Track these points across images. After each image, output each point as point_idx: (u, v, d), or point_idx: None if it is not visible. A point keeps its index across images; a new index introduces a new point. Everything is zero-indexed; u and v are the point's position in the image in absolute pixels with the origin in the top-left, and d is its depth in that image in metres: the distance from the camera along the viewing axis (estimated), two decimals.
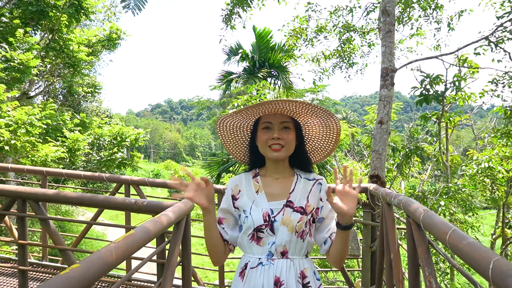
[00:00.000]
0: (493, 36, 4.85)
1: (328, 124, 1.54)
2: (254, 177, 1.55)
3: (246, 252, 1.48)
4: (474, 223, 6.09)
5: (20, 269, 2.82)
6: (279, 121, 1.46)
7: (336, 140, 1.58)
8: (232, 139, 1.66)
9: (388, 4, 4.56)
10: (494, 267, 1.18)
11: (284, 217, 1.41)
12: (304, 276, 1.41)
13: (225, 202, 1.55)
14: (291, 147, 1.47)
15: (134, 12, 2.23)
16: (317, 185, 1.51)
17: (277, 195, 1.48)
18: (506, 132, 5.07)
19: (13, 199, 2.91)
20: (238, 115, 1.52)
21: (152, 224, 1.99)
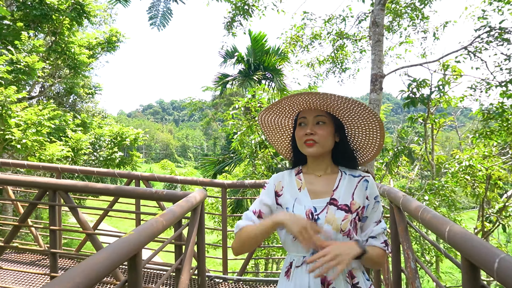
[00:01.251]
0: (472, 46, 5.34)
1: (368, 119, 1.45)
2: (297, 175, 1.51)
3: (290, 251, 1.43)
4: (456, 218, 6.57)
5: (52, 251, 3.17)
6: (313, 115, 1.42)
7: (382, 137, 1.49)
8: (276, 137, 1.65)
9: (378, 16, 5.02)
10: (449, 231, 1.63)
11: (328, 216, 1.35)
12: (352, 276, 1.36)
13: (268, 198, 1.48)
14: (326, 142, 1.41)
15: (159, 29, 2.55)
16: (363, 182, 1.43)
17: (320, 192, 1.42)
18: (484, 133, 5.55)
19: (44, 190, 3.26)
20: (273, 109, 1.52)
21: (178, 208, 2.40)
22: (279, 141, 1.66)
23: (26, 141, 6.17)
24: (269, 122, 1.60)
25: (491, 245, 1.39)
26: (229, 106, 25.17)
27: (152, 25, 2.56)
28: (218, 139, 47.98)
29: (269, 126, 1.62)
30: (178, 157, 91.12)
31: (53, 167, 5.05)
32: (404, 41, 8.10)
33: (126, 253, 1.56)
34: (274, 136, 1.66)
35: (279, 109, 1.52)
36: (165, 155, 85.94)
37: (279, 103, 1.48)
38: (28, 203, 3.31)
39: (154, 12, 2.40)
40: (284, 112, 1.53)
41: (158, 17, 2.44)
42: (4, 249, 3.31)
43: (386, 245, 1.41)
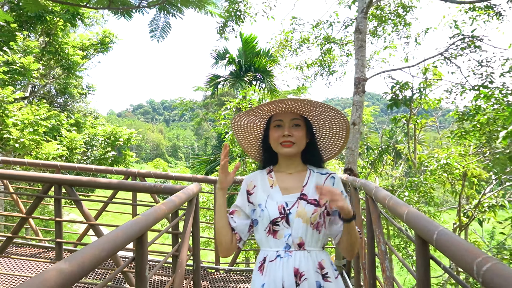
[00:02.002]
0: (447, 52, 5.73)
1: (337, 122, 1.60)
2: (268, 173, 1.60)
3: (263, 246, 1.51)
4: (435, 213, 6.97)
5: (58, 241, 3.43)
6: (290, 118, 1.53)
7: (346, 137, 1.63)
8: (247, 137, 1.73)
9: (360, 23, 5.37)
10: (407, 213, 1.95)
11: (299, 209, 1.44)
12: (322, 267, 1.44)
13: (240, 199, 1.59)
14: (301, 143, 1.53)
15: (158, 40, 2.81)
16: (330, 179, 1.55)
17: (291, 188, 1.52)
18: (459, 133, 5.94)
19: (50, 184, 3.51)
20: (250, 114, 1.60)
21: (177, 198, 2.70)
22: (250, 142, 1.74)
23: (24, 140, 6.38)
24: (241, 124, 1.68)
25: (436, 222, 1.72)
26: (220, 106, 25.47)
27: (152, 37, 2.84)
28: (209, 139, 47.92)
29: (241, 128, 1.69)
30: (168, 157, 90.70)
31: (52, 165, 5.28)
32: (388, 46, 8.50)
33: (137, 231, 1.85)
34: (245, 138, 1.73)
35: (255, 112, 1.59)
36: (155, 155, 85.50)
37: (259, 108, 1.55)
38: (34, 197, 3.56)
39: (155, 26, 2.69)
40: (259, 115, 1.61)
41: (158, 30, 2.73)
42: (12, 239, 3.55)
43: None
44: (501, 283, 1.06)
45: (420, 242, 1.81)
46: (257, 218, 1.52)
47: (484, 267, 1.20)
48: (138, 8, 2.58)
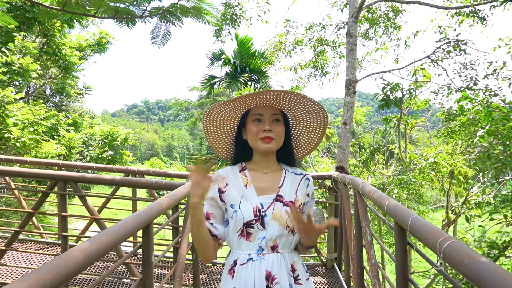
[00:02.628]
0: (434, 55, 5.99)
1: (316, 117, 1.55)
2: (242, 171, 1.50)
3: (234, 249, 1.44)
4: (424, 211, 7.24)
5: (63, 235, 3.61)
6: (270, 113, 1.46)
7: (322, 135, 1.59)
8: (217, 132, 1.63)
9: (351, 27, 5.61)
10: (388, 204, 2.17)
11: (275, 212, 1.39)
12: (294, 269, 1.41)
13: (213, 193, 1.47)
14: (281, 139, 1.47)
15: (159, 46, 2.99)
16: (304, 180, 1.51)
17: (267, 189, 1.45)
18: (445, 133, 6.21)
19: (56, 181, 3.69)
20: (228, 105, 1.50)
21: (178, 192, 2.90)
22: (220, 137, 1.64)
23: (25, 139, 6.53)
24: (214, 118, 1.57)
25: (411, 211, 1.94)
26: None
27: (154, 43, 3.04)
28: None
29: (213, 121, 1.59)
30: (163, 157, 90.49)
31: (54, 163, 5.45)
32: (379, 48, 8.76)
33: (144, 221, 2.05)
34: (215, 132, 1.62)
35: (232, 106, 1.50)
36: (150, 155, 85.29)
37: (240, 99, 1.44)
38: (41, 193, 3.74)
39: (156, 33, 2.89)
40: (235, 108, 1.51)
41: (159, 38, 2.93)
42: (19, 233, 3.72)
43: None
44: (457, 257, 1.29)
45: (398, 228, 2.03)
46: (228, 218, 1.43)
47: (445, 244, 1.43)
48: (141, 17, 2.78)
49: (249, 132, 1.48)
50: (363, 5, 5.36)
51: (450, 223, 7.11)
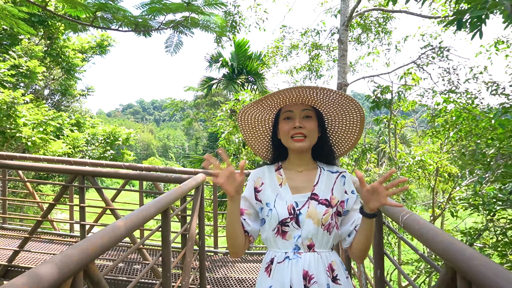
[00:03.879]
0: (420, 60, 6.46)
1: (351, 112, 1.50)
2: (277, 170, 1.52)
3: (271, 247, 1.45)
4: (412, 206, 7.71)
5: (82, 223, 4.01)
6: (300, 109, 1.45)
7: (360, 129, 1.53)
8: (254, 133, 1.63)
9: (342, 35, 6.05)
10: None
11: (310, 210, 1.39)
12: (332, 269, 1.39)
13: (248, 192, 1.50)
14: (313, 136, 1.45)
15: (172, 54, 3.37)
16: (340, 178, 1.49)
17: (301, 187, 1.45)
18: (430, 133, 6.67)
19: (75, 175, 4.08)
20: (258, 105, 1.50)
21: (189, 183, 3.30)
22: (257, 138, 1.65)
23: (35, 138, 6.90)
24: (248, 119, 1.59)
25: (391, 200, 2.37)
26: (211, 106, 25.96)
27: (167, 52, 3.47)
28: (200, 139, 47.92)
29: (248, 123, 1.61)
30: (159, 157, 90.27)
31: (66, 160, 5.82)
32: (371, 52, 9.24)
33: (164, 205, 2.47)
34: (252, 134, 1.64)
35: (263, 105, 1.51)
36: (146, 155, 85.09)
37: (268, 99, 1.45)
38: (61, 186, 4.13)
39: (169, 43, 3.31)
40: (266, 107, 1.52)
41: (172, 47, 3.35)
42: (41, 222, 4.10)
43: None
44: (412, 224, 1.73)
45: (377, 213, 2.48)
46: (264, 217, 1.45)
47: (405, 217, 1.87)
48: (157, 29, 3.19)
49: (281, 131, 1.48)
50: (353, 14, 5.80)
51: (436, 218, 7.59)
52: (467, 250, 1.27)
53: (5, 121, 6.92)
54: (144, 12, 2.95)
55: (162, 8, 2.87)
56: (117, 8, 2.85)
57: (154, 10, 2.94)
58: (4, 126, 6.86)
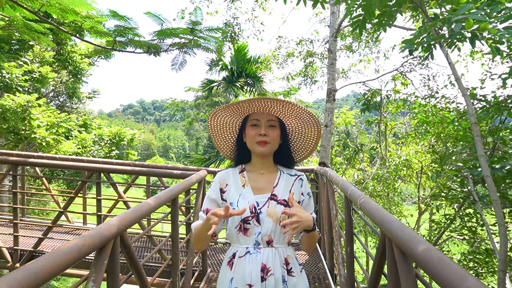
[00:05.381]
0: (403, 67, 7.04)
1: (310, 125, 1.66)
2: (241, 172, 1.64)
3: (234, 242, 1.58)
4: (399, 202, 8.28)
5: (98, 214, 4.57)
6: (266, 119, 1.58)
7: (316, 142, 1.71)
8: (221, 135, 1.77)
9: (331, 45, 6.62)
10: (341, 184, 3.16)
11: (269, 209, 1.51)
12: (287, 262, 1.53)
13: (214, 193, 1.61)
14: (275, 143, 1.59)
15: (176, 71, 3.92)
16: (298, 181, 1.63)
17: (262, 188, 1.58)
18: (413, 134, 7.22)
19: (92, 172, 4.64)
20: (228, 110, 1.63)
21: (193, 177, 3.84)
22: (224, 140, 1.79)
23: (49, 139, 7.46)
24: (217, 121, 1.72)
25: (352, 186, 2.93)
26: (212, 107, 26.44)
27: (173, 69, 4.05)
28: (200, 139, 48.03)
29: (217, 125, 1.74)
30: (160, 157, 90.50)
31: (79, 159, 6.39)
32: (362, 59, 9.82)
33: (174, 194, 3.02)
34: (220, 135, 1.78)
35: (232, 111, 1.65)
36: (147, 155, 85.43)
37: (238, 105, 1.59)
38: (81, 181, 4.70)
39: (175, 62, 3.88)
40: (236, 113, 1.66)
41: (177, 65, 3.92)
42: (63, 213, 4.67)
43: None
44: (365, 206, 2.29)
45: (345, 197, 3.04)
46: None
47: (361, 200, 2.43)
48: (166, 50, 3.77)
49: (247, 136, 1.62)
50: (341, 26, 6.36)
51: (422, 212, 8.16)
52: (394, 222, 1.84)
53: (21, 123, 7.50)
54: (154, 37, 3.52)
55: (170, 32, 3.44)
56: (134, 34, 3.43)
57: (163, 35, 3.51)
58: (20, 127, 7.43)
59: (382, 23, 2.91)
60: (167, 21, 3.57)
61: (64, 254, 1.43)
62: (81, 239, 1.59)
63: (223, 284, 1.55)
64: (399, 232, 1.69)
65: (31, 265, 1.27)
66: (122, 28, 3.38)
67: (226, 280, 1.54)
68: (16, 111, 7.50)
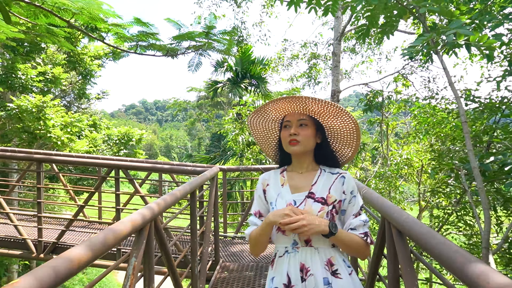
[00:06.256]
0: (404, 70, 7.32)
1: (347, 123, 1.62)
2: (281, 173, 1.67)
3: (275, 242, 1.58)
4: (400, 200, 8.57)
5: (117, 208, 4.88)
6: (297, 119, 1.59)
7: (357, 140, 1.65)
8: (264, 139, 1.81)
9: (335, 48, 6.91)
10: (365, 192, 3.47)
11: (306, 207, 1.49)
12: (331, 263, 1.46)
13: (259, 194, 1.68)
14: (307, 142, 1.57)
15: (193, 72, 4.21)
16: (340, 178, 1.57)
17: (300, 187, 1.56)
18: (413, 133, 7.51)
19: (111, 168, 4.94)
20: (261, 113, 1.69)
21: (207, 173, 4.14)
22: (267, 143, 1.83)
23: (64, 138, 7.79)
24: (257, 125, 1.77)
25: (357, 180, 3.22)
26: (214, 107, 26.73)
27: (189, 70, 4.35)
28: (202, 139, 48.13)
29: (258, 129, 1.79)
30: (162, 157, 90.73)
31: (95, 157, 6.73)
32: (365, 61, 10.13)
33: (193, 187, 3.32)
34: (262, 139, 1.83)
35: (266, 114, 1.69)
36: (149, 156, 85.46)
37: (265, 107, 1.65)
38: (101, 177, 5.02)
39: (191, 63, 4.19)
40: (270, 116, 1.70)
41: (194, 66, 4.23)
42: (83, 207, 4.98)
43: (365, 236, 1.50)
44: (367, 196, 2.58)
45: None
46: None
47: (364, 191, 2.73)
48: (183, 53, 4.08)
49: (281, 138, 1.64)
50: (345, 30, 6.66)
51: (423, 210, 8.44)
52: (393, 207, 2.13)
53: (36, 123, 7.83)
54: (173, 41, 3.83)
55: (187, 36, 3.76)
56: (155, 38, 3.74)
57: (181, 38, 3.82)
58: (36, 127, 7.77)
59: (385, 31, 3.21)
60: (184, 26, 3.87)
61: (118, 229, 1.75)
62: (127, 221, 1.91)
63: (267, 283, 1.58)
64: (396, 215, 1.99)
65: (95, 238, 1.58)
66: (145, 33, 3.69)
67: (269, 279, 1.57)
68: (32, 112, 7.83)
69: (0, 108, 8.50)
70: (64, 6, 2.95)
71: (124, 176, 4.93)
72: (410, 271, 1.87)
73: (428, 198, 8.11)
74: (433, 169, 4.62)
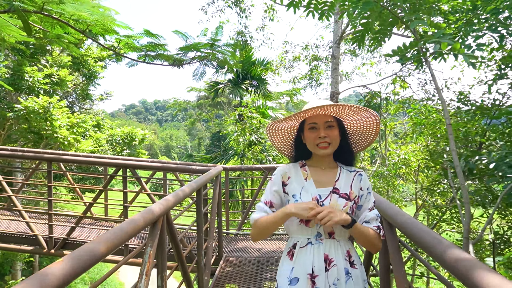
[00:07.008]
0: (401, 72, 7.54)
1: (367, 118, 1.68)
2: (302, 167, 1.69)
3: (294, 234, 1.61)
4: (398, 199, 8.78)
5: (124, 205, 5.09)
6: (324, 121, 1.60)
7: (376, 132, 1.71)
8: (280, 138, 1.84)
9: (335, 51, 7.13)
10: None
11: (332, 202, 1.55)
12: (350, 255, 1.57)
13: (276, 185, 1.67)
14: (336, 143, 1.61)
15: (197, 80, 4.47)
16: (357, 176, 1.65)
17: (324, 182, 1.62)
18: (411, 134, 7.71)
19: (119, 168, 5.14)
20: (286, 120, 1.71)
21: (212, 171, 4.35)
22: (283, 142, 1.86)
23: (70, 138, 8.01)
24: (274, 128, 1.80)
25: None
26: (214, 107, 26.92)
27: (194, 79, 4.59)
28: (202, 139, 48.19)
29: (274, 131, 1.81)
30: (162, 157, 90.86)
31: (102, 157, 6.94)
32: (365, 63, 10.35)
33: (199, 184, 3.53)
34: (278, 138, 1.84)
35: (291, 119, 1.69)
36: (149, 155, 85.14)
37: (296, 116, 1.65)
38: (109, 176, 5.23)
39: (196, 72, 4.43)
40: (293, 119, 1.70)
41: (198, 75, 4.47)
42: (92, 205, 5.19)
43: (378, 229, 1.58)
44: None
45: None
46: None
47: None
48: (188, 63, 4.30)
49: (306, 139, 1.65)
50: (344, 34, 6.88)
51: (419, 208, 8.65)
52: (384, 202, 2.34)
53: (43, 123, 8.05)
54: (180, 51, 4.06)
55: (193, 47, 3.98)
56: (163, 49, 3.97)
57: (188, 49, 4.05)
58: (43, 127, 7.99)
59: (377, 39, 3.43)
60: (191, 37, 4.10)
61: (137, 220, 1.98)
62: (141, 215, 2.13)
63: (283, 274, 1.59)
64: (388, 209, 2.21)
65: (117, 228, 1.79)
66: (153, 44, 3.91)
67: (287, 270, 1.58)
68: (39, 112, 8.05)
69: (8, 109, 8.72)
70: (81, 18, 3.15)
71: (131, 174, 5.13)
72: (398, 258, 2.09)
73: (424, 197, 8.31)
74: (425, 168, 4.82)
